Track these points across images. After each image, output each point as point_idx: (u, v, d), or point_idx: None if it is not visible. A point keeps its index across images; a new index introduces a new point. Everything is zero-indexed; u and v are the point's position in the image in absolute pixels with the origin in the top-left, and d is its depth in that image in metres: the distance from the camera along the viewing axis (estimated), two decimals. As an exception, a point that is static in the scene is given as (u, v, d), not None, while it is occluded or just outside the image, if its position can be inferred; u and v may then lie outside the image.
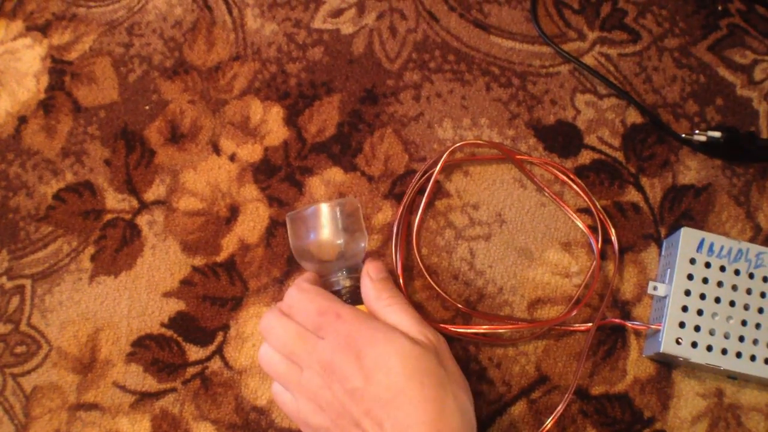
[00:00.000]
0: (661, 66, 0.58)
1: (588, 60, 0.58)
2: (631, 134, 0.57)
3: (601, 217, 0.54)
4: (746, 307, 0.50)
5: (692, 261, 0.50)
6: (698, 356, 0.49)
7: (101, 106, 0.59)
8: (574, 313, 0.52)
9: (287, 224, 0.51)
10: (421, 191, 0.56)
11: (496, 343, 0.53)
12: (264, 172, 0.57)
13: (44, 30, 0.62)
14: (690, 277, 0.50)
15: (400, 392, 0.39)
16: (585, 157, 0.56)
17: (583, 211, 0.55)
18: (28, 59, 0.61)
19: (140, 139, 0.58)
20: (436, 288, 0.53)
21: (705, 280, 0.50)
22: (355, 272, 0.48)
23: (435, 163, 0.55)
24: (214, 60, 0.60)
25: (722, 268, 0.50)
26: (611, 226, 0.54)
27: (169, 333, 0.54)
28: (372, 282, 0.46)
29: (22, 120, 0.59)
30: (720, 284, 0.50)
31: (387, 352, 0.40)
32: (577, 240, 0.55)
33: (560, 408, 0.50)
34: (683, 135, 0.56)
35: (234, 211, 0.56)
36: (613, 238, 0.54)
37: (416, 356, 0.40)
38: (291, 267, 0.54)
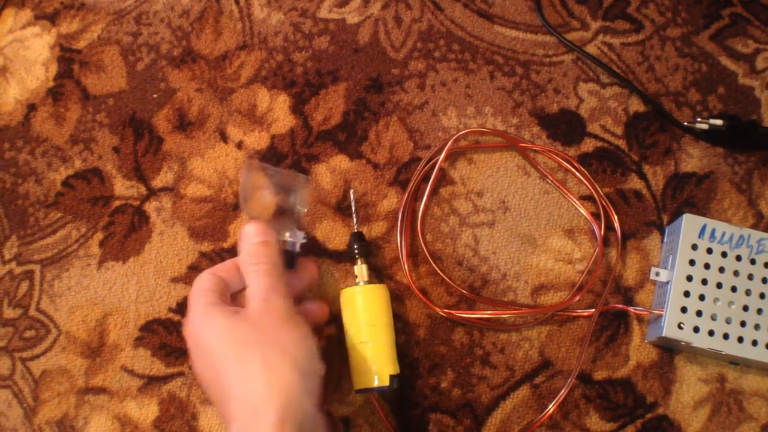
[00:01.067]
0: (664, 55, 0.59)
1: (591, 49, 0.59)
2: (634, 122, 0.57)
3: (604, 204, 0.55)
4: (748, 293, 0.50)
5: (694, 247, 0.51)
6: (700, 341, 0.49)
7: (110, 94, 0.60)
8: (577, 298, 0.53)
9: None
10: (425, 178, 0.56)
11: (500, 329, 0.53)
12: (270, 159, 0.57)
13: (53, 19, 0.62)
14: (692, 262, 0.51)
15: (217, 369, 0.42)
16: (588, 145, 0.57)
17: (586, 198, 0.56)
18: (37, 48, 0.62)
19: (148, 126, 0.59)
20: (441, 274, 0.54)
21: (707, 266, 0.51)
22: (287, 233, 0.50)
23: (439, 151, 0.56)
24: (221, 49, 0.60)
25: (724, 254, 0.51)
26: (614, 213, 0.55)
27: (176, 318, 0.54)
28: (243, 243, 0.47)
29: (31, 107, 0.60)
30: (722, 270, 0.51)
31: (209, 331, 0.43)
32: (580, 227, 0.55)
33: (563, 392, 0.51)
34: (685, 123, 0.56)
35: (241, 198, 0.57)
36: (616, 225, 0.54)
37: (230, 328, 0.42)
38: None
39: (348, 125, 0.58)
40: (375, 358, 0.48)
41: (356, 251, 0.52)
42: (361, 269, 0.51)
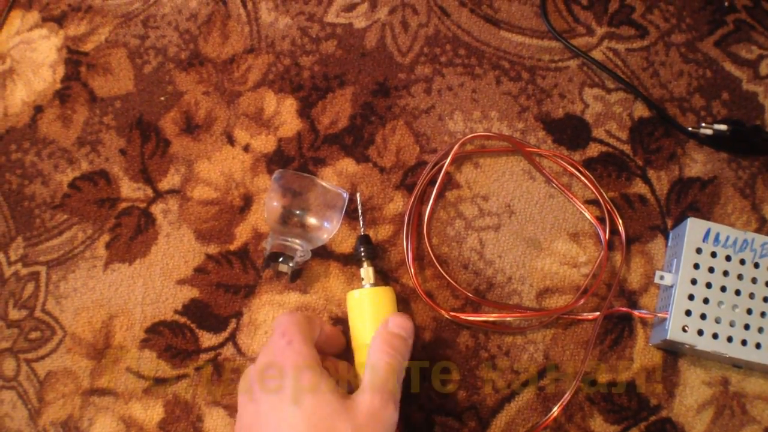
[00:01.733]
0: (668, 61, 0.59)
1: (596, 55, 0.59)
2: (639, 127, 0.58)
3: (609, 208, 0.55)
4: (752, 296, 0.50)
5: (698, 251, 0.51)
6: (704, 343, 0.49)
7: (117, 96, 0.60)
8: (582, 302, 0.53)
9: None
10: (431, 182, 0.56)
11: (505, 332, 0.53)
12: (277, 162, 0.57)
13: (60, 21, 0.63)
14: (696, 266, 0.51)
15: None
16: (593, 150, 0.57)
17: (591, 202, 0.56)
18: (44, 50, 0.62)
19: (155, 129, 0.59)
20: (447, 277, 0.54)
21: (711, 270, 0.51)
22: (285, 242, 0.52)
23: (446, 155, 0.56)
24: (228, 52, 0.61)
25: (728, 258, 0.51)
26: (618, 217, 0.55)
27: (182, 320, 0.54)
28: (385, 329, 0.47)
29: (38, 109, 0.60)
30: (726, 273, 0.51)
31: (312, 401, 0.41)
32: (585, 231, 0.55)
33: (568, 395, 0.51)
34: (690, 128, 0.57)
35: (247, 201, 0.57)
36: (621, 229, 0.55)
37: (324, 415, 0.40)
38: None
39: (355, 129, 0.58)
40: (382, 360, 0.49)
41: (363, 254, 0.52)
42: (367, 272, 0.52)
